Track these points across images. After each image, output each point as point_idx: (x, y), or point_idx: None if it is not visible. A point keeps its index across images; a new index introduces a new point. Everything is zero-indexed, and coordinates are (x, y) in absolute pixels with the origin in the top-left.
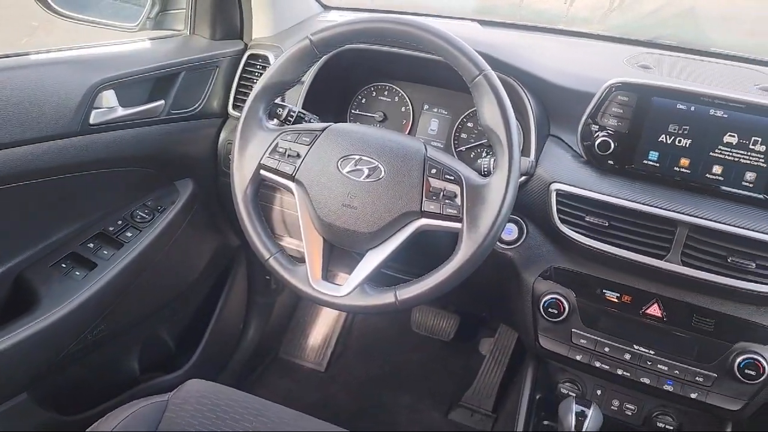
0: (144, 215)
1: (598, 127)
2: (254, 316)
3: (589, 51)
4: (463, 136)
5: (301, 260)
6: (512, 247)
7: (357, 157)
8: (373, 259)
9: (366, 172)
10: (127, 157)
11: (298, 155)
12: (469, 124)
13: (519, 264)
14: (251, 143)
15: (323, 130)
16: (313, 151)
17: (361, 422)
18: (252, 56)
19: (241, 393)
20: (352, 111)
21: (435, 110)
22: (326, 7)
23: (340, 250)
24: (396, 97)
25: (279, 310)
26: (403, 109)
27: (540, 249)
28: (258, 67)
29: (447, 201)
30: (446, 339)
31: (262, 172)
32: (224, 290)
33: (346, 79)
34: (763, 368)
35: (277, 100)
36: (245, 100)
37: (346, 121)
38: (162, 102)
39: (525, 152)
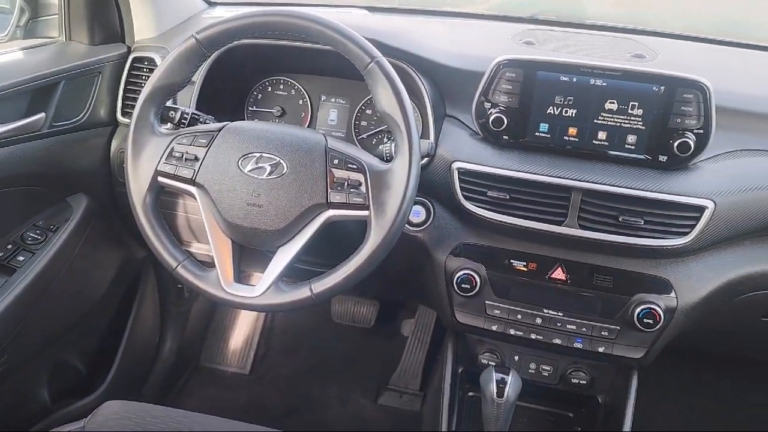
0: (36, 236)
1: (490, 104)
2: (170, 327)
3: (475, 31)
4: (363, 123)
5: (212, 265)
6: (421, 228)
7: (257, 154)
8: (284, 256)
9: (268, 169)
10: (10, 176)
11: (196, 158)
12: (368, 112)
13: (429, 244)
14: (145, 150)
15: (220, 130)
16: (212, 153)
17: (292, 419)
18: (137, 59)
19: (161, 408)
20: (249, 108)
21: (333, 100)
22: (211, 3)
23: (251, 250)
24: (292, 90)
25: (195, 317)
26: (300, 101)
27: (448, 228)
28: (144, 70)
29: (352, 190)
30: (368, 325)
31: (160, 178)
32: (134, 304)
33: (239, 76)
34: (659, 316)
35: (168, 103)
36: (134, 106)
37: (244, 119)
38: (42, 115)
39: (424, 134)
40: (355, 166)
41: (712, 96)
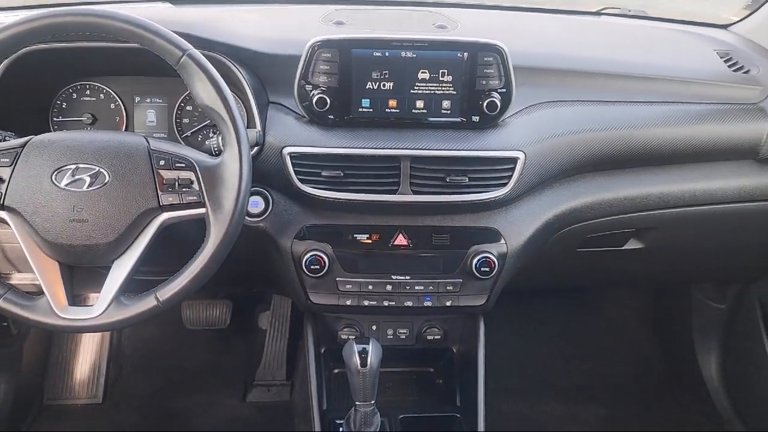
0: None
1: (311, 86)
2: (1, 370)
3: (286, 15)
4: (185, 121)
5: (41, 293)
6: (262, 218)
7: (73, 166)
8: (121, 269)
9: (88, 180)
10: None
11: (1, 180)
12: (189, 108)
13: (273, 232)
14: None
15: (24, 145)
16: (18, 171)
17: None
18: None
19: None
20: (54, 119)
21: (148, 100)
22: None
23: (83, 270)
24: (101, 95)
25: (30, 354)
26: (112, 106)
27: (289, 213)
28: None
29: (184, 189)
30: (224, 326)
31: None
32: None
33: (36, 86)
34: (494, 263)
35: None
36: None
37: (50, 131)
38: None
39: (250, 124)
40: (183, 165)
41: (509, 57)
